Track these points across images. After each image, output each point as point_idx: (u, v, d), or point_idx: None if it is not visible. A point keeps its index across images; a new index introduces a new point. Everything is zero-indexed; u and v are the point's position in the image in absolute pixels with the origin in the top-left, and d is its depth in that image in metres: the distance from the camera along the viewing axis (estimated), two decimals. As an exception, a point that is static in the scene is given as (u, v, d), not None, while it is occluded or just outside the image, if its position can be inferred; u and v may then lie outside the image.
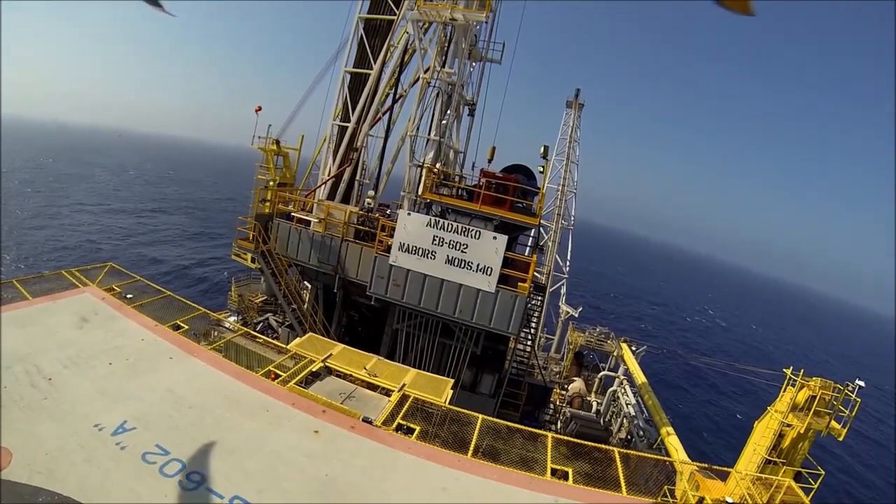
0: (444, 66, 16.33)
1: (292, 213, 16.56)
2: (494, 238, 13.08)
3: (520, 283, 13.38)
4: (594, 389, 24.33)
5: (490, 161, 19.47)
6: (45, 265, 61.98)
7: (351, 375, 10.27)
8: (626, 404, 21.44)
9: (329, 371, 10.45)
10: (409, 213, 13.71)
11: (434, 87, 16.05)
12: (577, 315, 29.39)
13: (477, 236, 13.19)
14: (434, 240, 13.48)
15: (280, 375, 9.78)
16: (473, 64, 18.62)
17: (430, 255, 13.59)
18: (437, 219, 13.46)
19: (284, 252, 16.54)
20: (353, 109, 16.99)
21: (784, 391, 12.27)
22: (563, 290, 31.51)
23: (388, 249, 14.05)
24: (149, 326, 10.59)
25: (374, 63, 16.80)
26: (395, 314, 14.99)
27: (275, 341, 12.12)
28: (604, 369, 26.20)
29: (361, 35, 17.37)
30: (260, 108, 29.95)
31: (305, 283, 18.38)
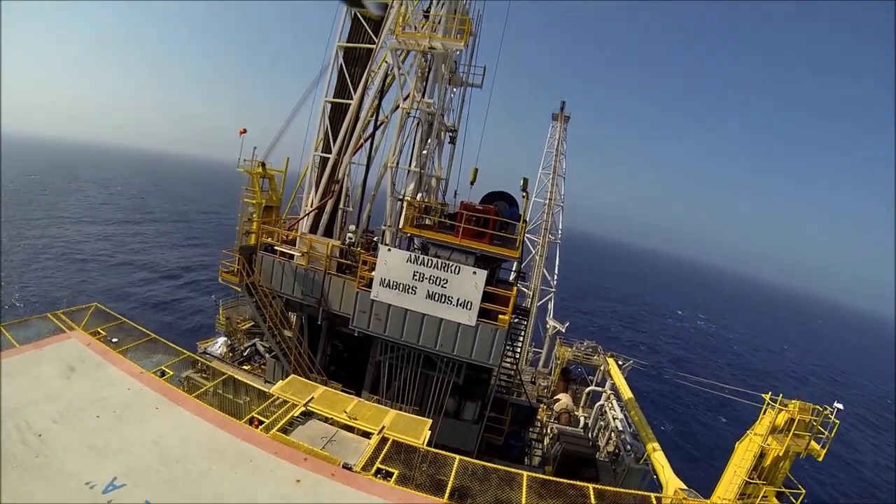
0: (424, 95, 17.08)
1: (275, 247, 17.17)
2: (474, 273, 13.84)
3: (500, 316, 14.15)
4: (582, 403, 25.22)
5: (472, 183, 20.26)
6: (36, 283, 62.28)
7: (332, 419, 10.97)
8: (613, 419, 22.34)
9: (311, 414, 11.13)
10: (389, 249, 14.42)
11: (414, 117, 16.79)
12: (563, 330, 30.31)
13: (457, 271, 13.95)
14: (414, 275, 14.21)
15: (263, 422, 10.45)
16: (454, 90, 19.41)
17: (410, 290, 14.32)
18: (418, 254, 14.19)
19: (269, 284, 17.19)
20: (335, 140, 17.69)
21: (763, 414, 13.19)
22: (551, 306, 32.39)
23: (370, 284, 14.76)
24: (134, 374, 11.21)
25: (354, 93, 17.50)
26: (378, 346, 15.70)
27: (259, 384, 12.75)
28: (591, 383, 27.13)
29: (341, 64, 18.08)
30: (244, 131, 30.62)
31: (290, 312, 19.00)
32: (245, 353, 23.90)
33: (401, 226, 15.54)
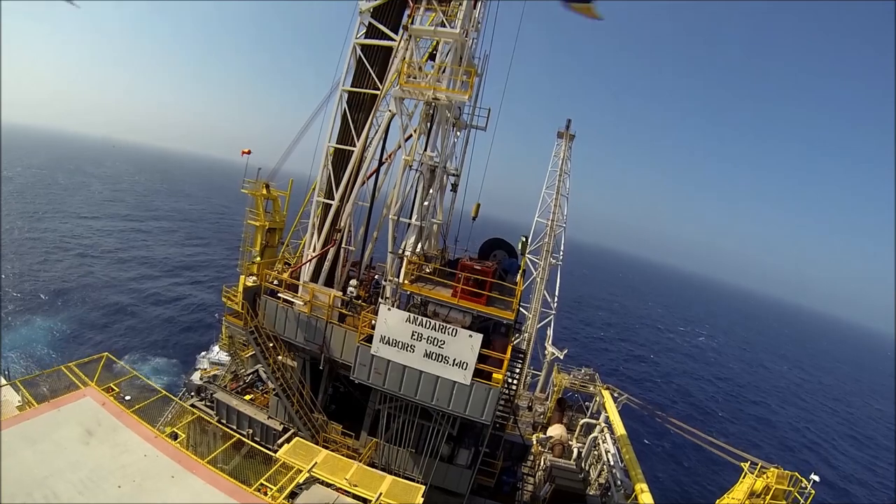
0: (427, 147, 17.82)
1: (278, 293, 18.07)
2: (470, 336, 14.74)
3: (494, 375, 15.08)
4: (576, 434, 26.26)
5: (475, 218, 21.13)
6: (42, 287, 63.88)
7: (333, 485, 11.98)
8: (606, 452, 23.39)
9: (314, 479, 12.15)
10: (389, 309, 15.32)
11: (416, 170, 17.55)
12: (562, 357, 31.25)
13: (454, 334, 14.85)
14: (413, 334, 15.13)
15: (271, 489, 11.46)
16: (458, 133, 20.13)
17: (409, 348, 15.25)
18: (416, 315, 15.08)
19: (272, 328, 18.16)
20: (337, 186, 18.46)
21: (743, 478, 14.15)
22: (550, 331, 33.28)
23: (371, 338, 15.69)
24: (149, 439, 12.20)
25: (357, 140, 18.20)
26: (378, 395, 16.69)
27: (262, 417, 13.70)
28: (587, 410, 28.17)
29: (345, 109, 18.77)
30: (249, 152, 31.54)
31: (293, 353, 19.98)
32: (248, 380, 24.98)
33: (401, 281, 16.37)
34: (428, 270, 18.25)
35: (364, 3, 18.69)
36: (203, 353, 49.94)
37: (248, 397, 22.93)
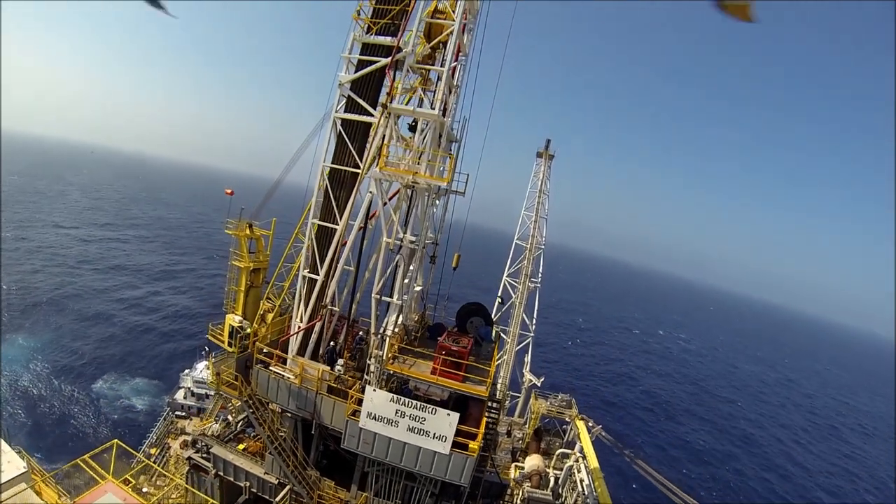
0: (408, 220, 19.94)
1: (270, 367, 20.27)
2: (448, 415, 17.30)
3: (471, 444, 17.72)
4: (552, 464, 29.32)
5: (455, 268, 23.49)
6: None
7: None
8: (581, 481, 26.50)
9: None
10: (374, 390, 17.74)
11: (398, 253, 19.70)
12: (539, 384, 34.21)
13: (433, 412, 17.39)
14: (397, 412, 17.63)
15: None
16: (437, 202, 22.23)
17: (393, 423, 17.77)
18: (399, 396, 17.57)
19: (265, 396, 20.44)
20: (321, 262, 20.51)
21: None
22: (528, 358, 36.13)
23: (357, 413, 18.14)
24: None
25: (340, 218, 20.19)
26: (366, 460, 19.25)
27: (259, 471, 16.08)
28: (564, 435, 31.28)
29: (326, 186, 20.68)
30: (232, 193, 33.48)
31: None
32: (239, 427, 27.31)
33: (384, 358, 18.73)
34: (410, 339, 20.63)
35: (343, 75, 20.42)
36: (186, 371, 51.69)
37: (241, 446, 25.31)
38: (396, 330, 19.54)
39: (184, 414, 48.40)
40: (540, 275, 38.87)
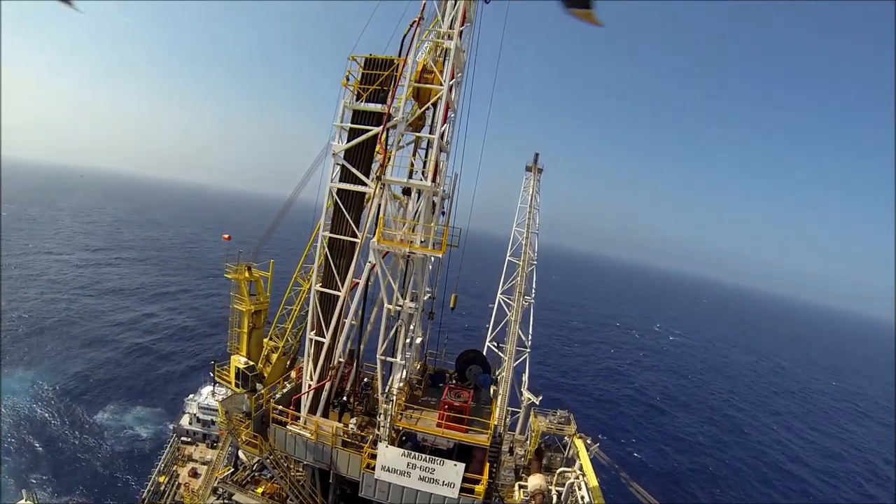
0: (406, 286, 22.27)
1: (288, 425, 22.72)
2: (455, 465, 19.95)
3: (476, 487, 20.44)
4: (555, 482, 32.28)
5: (453, 308, 26.00)
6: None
7: None
8: (581, 499, 29.47)
9: None
10: (386, 446, 20.32)
11: (399, 319, 22.06)
12: (537, 402, 37.02)
13: (442, 463, 20.02)
14: (408, 465, 20.25)
15: None
16: (432, 259, 24.51)
17: (406, 474, 20.38)
18: (410, 451, 20.18)
19: (283, 450, 22.99)
20: (327, 326, 22.84)
21: None
22: (525, 377, 38.87)
23: (372, 466, 20.75)
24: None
25: (342, 285, 22.48)
26: (383, 504, 21.94)
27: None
28: (565, 450, 34.25)
29: (326, 253, 22.88)
30: (229, 238, 35.67)
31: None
32: (255, 468, 29.94)
33: (393, 416, 21.26)
34: (416, 393, 23.20)
35: (337, 144, 22.48)
36: (190, 396, 53.92)
37: (259, 489, 27.96)
38: (402, 385, 22.04)
39: (189, 440, 50.93)
40: (533, 291, 41.39)
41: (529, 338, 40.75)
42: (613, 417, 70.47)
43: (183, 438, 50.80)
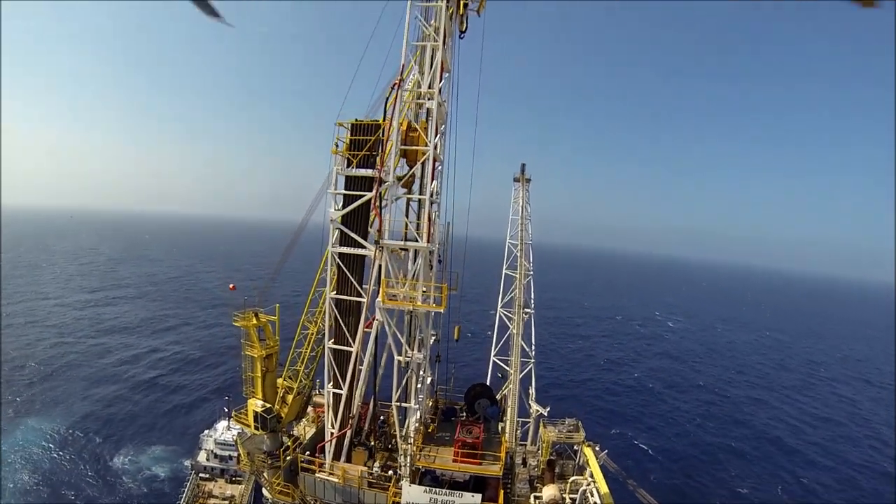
0: (413, 342, 24.75)
1: (317, 473, 25.29)
2: (472, 496, 22.66)
3: (492, 515, 23.18)
4: (568, 485, 34.97)
5: (457, 340, 28.59)
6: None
7: None
8: (594, 504, 32.14)
9: None
10: (409, 485, 23.01)
11: (409, 369, 24.59)
12: (546, 413, 39.58)
13: (460, 496, 22.75)
14: (430, 500, 22.97)
15: None
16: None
17: (429, 509, 23.14)
18: (431, 487, 22.87)
19: (314, 495, 25.64)
20: (343, 379, 25.31)
21: None
22: (532, 389, 41.46)
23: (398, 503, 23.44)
24: None
25: (353, 342, 24.92)
26: (410, 536, 24.67)
27: None
28: (576, 457, 36.97)
29: (336, 314, 25.24)
30: (234, 288, 38.27)
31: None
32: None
33: (412, 455, 23.88)
34: (430, 429, 25.83)
35: (333, 211, 24.74)
36: (206, 432, 55.98)
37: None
38: (418, 426, 24.65)
39: (208, 476, 53.20)
40: (532, 302, 43.73)
41: (533, 348, 43.10)
42: (623, 407, 73.58)
43: (201, 475, 53.02)
